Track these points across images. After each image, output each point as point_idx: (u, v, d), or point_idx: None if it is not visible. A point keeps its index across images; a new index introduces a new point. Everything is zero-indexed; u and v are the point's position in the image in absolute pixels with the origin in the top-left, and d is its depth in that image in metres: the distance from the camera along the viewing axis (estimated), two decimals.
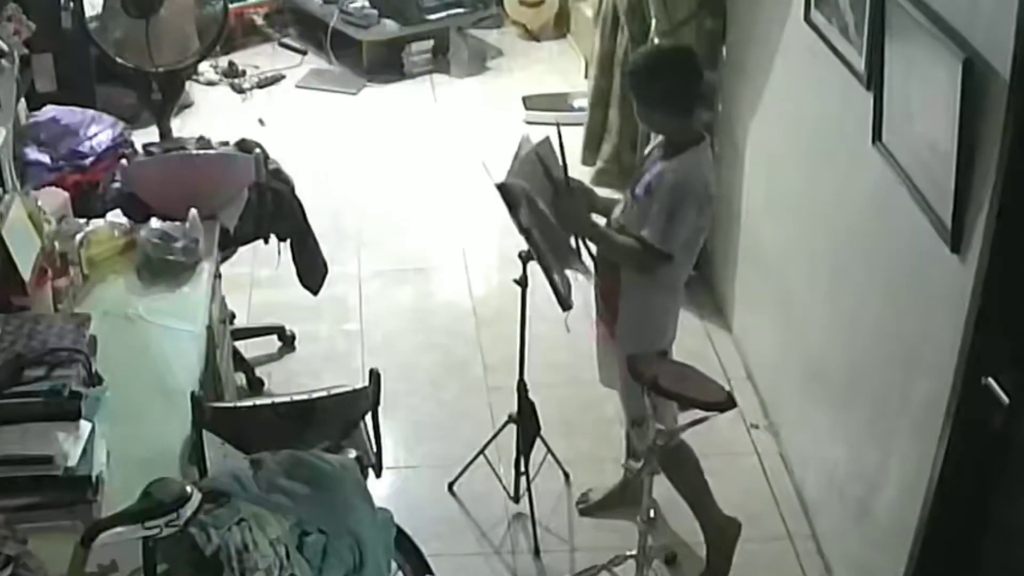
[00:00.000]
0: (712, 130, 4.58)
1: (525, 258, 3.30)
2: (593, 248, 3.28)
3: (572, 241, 3.24)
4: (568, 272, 3.25)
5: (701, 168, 3.13)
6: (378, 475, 3.06)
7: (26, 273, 3.04)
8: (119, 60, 4.66)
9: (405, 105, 6.62)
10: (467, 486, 3.81)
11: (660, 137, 3.25)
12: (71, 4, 4.75)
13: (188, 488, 2.20)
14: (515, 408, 3.62)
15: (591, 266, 3.31)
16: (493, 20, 7.58)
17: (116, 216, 3.66)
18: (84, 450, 2.47)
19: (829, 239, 3.51)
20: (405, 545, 2.85)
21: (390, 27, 6.94)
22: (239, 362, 4.22)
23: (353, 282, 4.91)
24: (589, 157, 5.48)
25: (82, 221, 3.50)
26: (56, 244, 3.24)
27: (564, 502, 3.79)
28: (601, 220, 3.32)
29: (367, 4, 6.94)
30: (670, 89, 3.09)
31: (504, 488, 3.72)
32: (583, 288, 3.35)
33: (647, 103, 3.14)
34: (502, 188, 3.14)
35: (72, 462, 2.43)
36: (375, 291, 4.90)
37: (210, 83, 6.76)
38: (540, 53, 7.35)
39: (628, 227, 3.17)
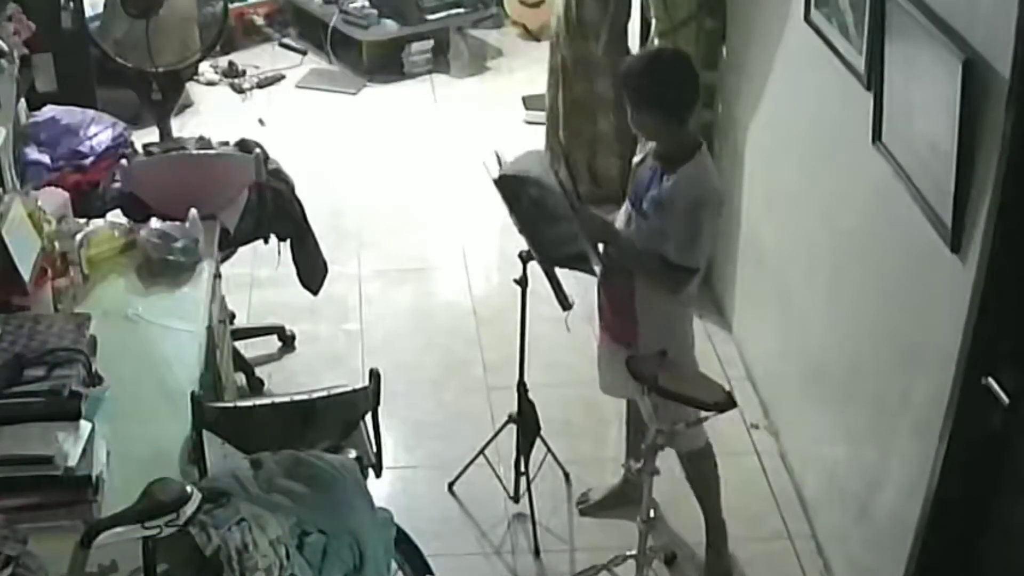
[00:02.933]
0: (712, 130, 4.58)
1: (525, 258, 3.30)
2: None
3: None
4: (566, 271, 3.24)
5: (709, 177, 3.11)
6: (378, 475, 3.06)
7: (26, 273, 3.04)
8: (119, 60, 4.67)
9: (405, 105, 6.62)
10: (467, 486, 3.81)
11: (649, 146, 3.18)
12: (71, 4, 4.75)
13: (188, 488, 2.20)
14: (515, 408, 3.62)
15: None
16: (493, 20, 7.58)
17: (116, 216, 3.66)
18: (84, 450, 2.47)
19: (829, 239, 3.51)
20: (405, 545, 2.86)
21: (390, 27, 6.94)
22: (239, 362, 4.21)
23: (353, 282, 4.91)
24: None
25: (82, 221, 3.50)
26: (56, 244, 3.24)
27: (564, 502, 3.79)
28: None
29: (367, 4, 6.94)
30: (668, 92, 3.04)
31: (504, 488, 3.72)
32: (583, 289, 3.34)
33: (643, 107, 3.06)
34: (500, 183, 3.14)
35: (72, 462, 2.43)
36: (375, 291, 4.90)
37: (210, 83, 6.76)
38: (540, 53, 7.30)
39: (640, 243, 3.12)
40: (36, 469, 2.41)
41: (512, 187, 3.19)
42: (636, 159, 3.25)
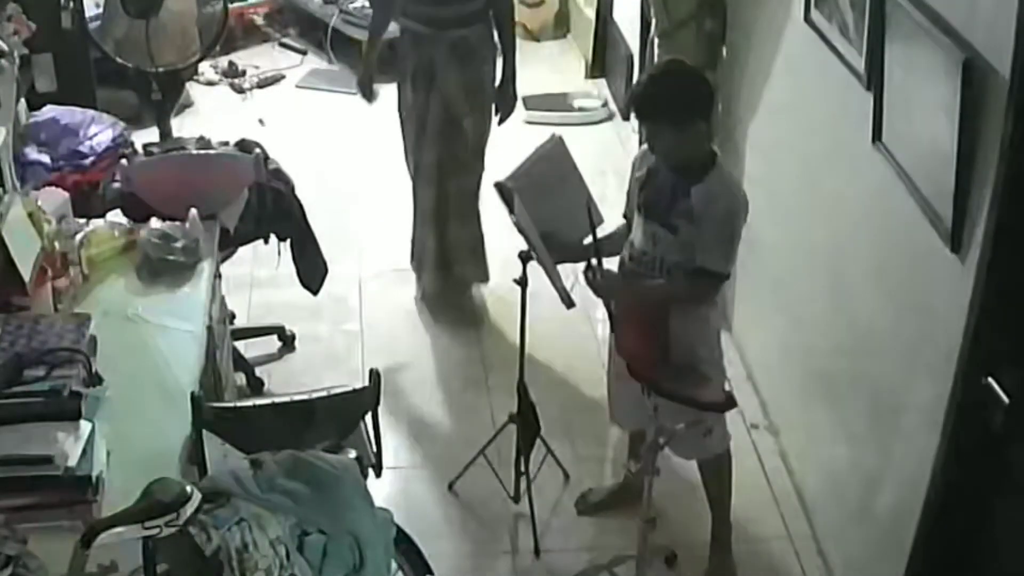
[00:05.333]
0: (712, 130, 4.58)
1: (525, 258, 3.30)
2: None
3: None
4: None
5: (735, 184, 3.13)
6: (378, 475, 3.06)
7: (26, 273, 3.04)
8: (119, 60, 4.67)
9: None
10: (467, 486, 3.81)
11: (647, 161, 3.16)
12: (71, 4, 4.76)
13: (188, 488, 2.20)
14: (515, 408, 3.62)
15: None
16: None
17: (116, 216, 3.66)
18: (84, 450, 2.47)
19: (829, 239, 3.51)
20: (405, 545, 2.86)
21: (390, 27, 6.93)
22: (239, 362, 4.22)
23: (353, 282, 4.91)
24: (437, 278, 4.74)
25: (82, 221, 3.50)
26: (56, 244, 3.24)
27: (564, 502, 3.79)
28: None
29: (367, 4, 6.94)
30: (681, 104, 3.00)
31: (504, 488, 3.71)
32: (582, 288, 3.34)
33: (660, 124, 3.02)
34: (499, 187, 3.14)
35: (72, 462, 2.43)
36: (375, 291, 4.89)
37: (210, 83, 6.76)
38: (540, 53, 7.34)
39: (669, 257, 3.10)
40: (36, 469, 2.41)
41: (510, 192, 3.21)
42: (638, 174, 3.21)
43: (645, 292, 3.21)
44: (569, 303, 3.17)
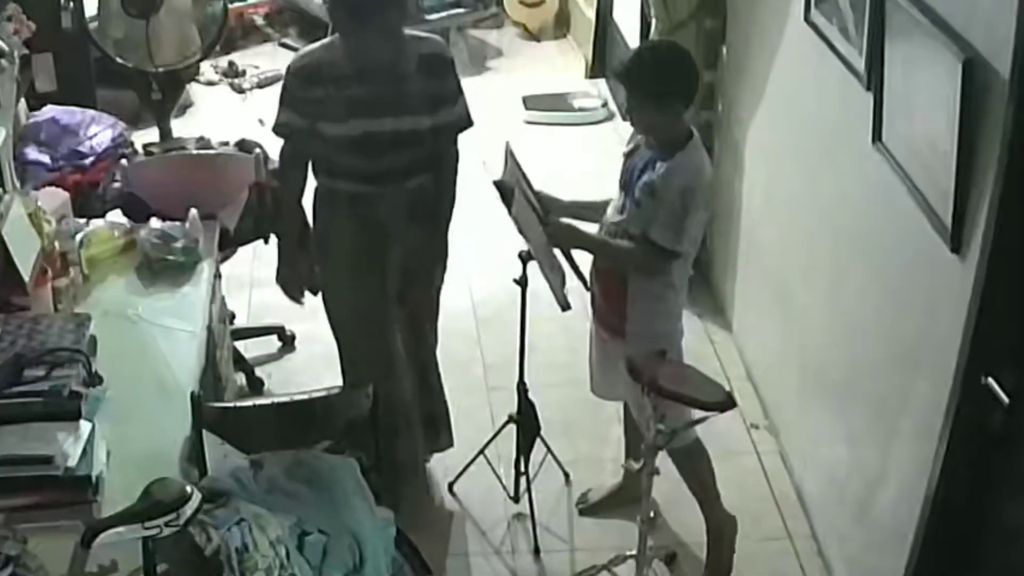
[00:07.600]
0: (712, 130, 4.58)
1: (525, 258, 3.30)
2: (581, 258, 3.26)
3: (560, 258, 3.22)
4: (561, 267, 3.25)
5: (702, 164, 3.15)
6: (378, 476, 3.06)
7: (26, 273, 3.04)
8: (119, 60, 4.67)
9: None
10: (467, 486, 3.81)
11: (638, 137, 3.22)
12: (71, 4, 4.76)
13: (188, 488, 2.20)
14: (515, 408, 3.62)
15: (569, 275, 3.27)
16: (493, 20, 7.59)
17: (116, 216, 3.66)
18: (84, 450, 2.47)
19: (829, 239, 3.51)
20: (405, 545, 2.86)
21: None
22: (239, 362, 4.21)
23: None
24: None
25: (82, 221, 3.50)
26: (56, 244, 3.25)
27: (564, 502, 3.79)
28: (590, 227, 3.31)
29: None
30: (664, 84, 3.06)
31: (504, 488, 3.72)
32: (580, 290, 3.34)
33: (642, 100, 3.09)
34: (499, 184, 3.15)
35: (72, 462, 2.43)
36: None
37: (210, 83, 6.76)
38: (540, 53, 7.35)
39: (630, 229, 3.16)
40: (36, 469, 2.41)
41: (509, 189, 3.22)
42: (625, 149, 3.27)
43: (591, 241, 3.25)
44: (565, 305, 3.17)
